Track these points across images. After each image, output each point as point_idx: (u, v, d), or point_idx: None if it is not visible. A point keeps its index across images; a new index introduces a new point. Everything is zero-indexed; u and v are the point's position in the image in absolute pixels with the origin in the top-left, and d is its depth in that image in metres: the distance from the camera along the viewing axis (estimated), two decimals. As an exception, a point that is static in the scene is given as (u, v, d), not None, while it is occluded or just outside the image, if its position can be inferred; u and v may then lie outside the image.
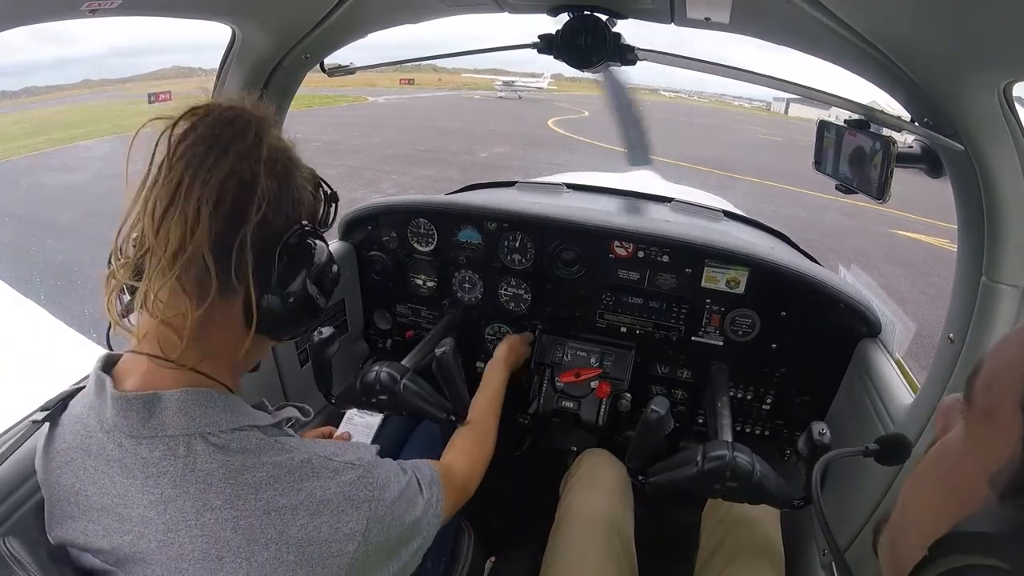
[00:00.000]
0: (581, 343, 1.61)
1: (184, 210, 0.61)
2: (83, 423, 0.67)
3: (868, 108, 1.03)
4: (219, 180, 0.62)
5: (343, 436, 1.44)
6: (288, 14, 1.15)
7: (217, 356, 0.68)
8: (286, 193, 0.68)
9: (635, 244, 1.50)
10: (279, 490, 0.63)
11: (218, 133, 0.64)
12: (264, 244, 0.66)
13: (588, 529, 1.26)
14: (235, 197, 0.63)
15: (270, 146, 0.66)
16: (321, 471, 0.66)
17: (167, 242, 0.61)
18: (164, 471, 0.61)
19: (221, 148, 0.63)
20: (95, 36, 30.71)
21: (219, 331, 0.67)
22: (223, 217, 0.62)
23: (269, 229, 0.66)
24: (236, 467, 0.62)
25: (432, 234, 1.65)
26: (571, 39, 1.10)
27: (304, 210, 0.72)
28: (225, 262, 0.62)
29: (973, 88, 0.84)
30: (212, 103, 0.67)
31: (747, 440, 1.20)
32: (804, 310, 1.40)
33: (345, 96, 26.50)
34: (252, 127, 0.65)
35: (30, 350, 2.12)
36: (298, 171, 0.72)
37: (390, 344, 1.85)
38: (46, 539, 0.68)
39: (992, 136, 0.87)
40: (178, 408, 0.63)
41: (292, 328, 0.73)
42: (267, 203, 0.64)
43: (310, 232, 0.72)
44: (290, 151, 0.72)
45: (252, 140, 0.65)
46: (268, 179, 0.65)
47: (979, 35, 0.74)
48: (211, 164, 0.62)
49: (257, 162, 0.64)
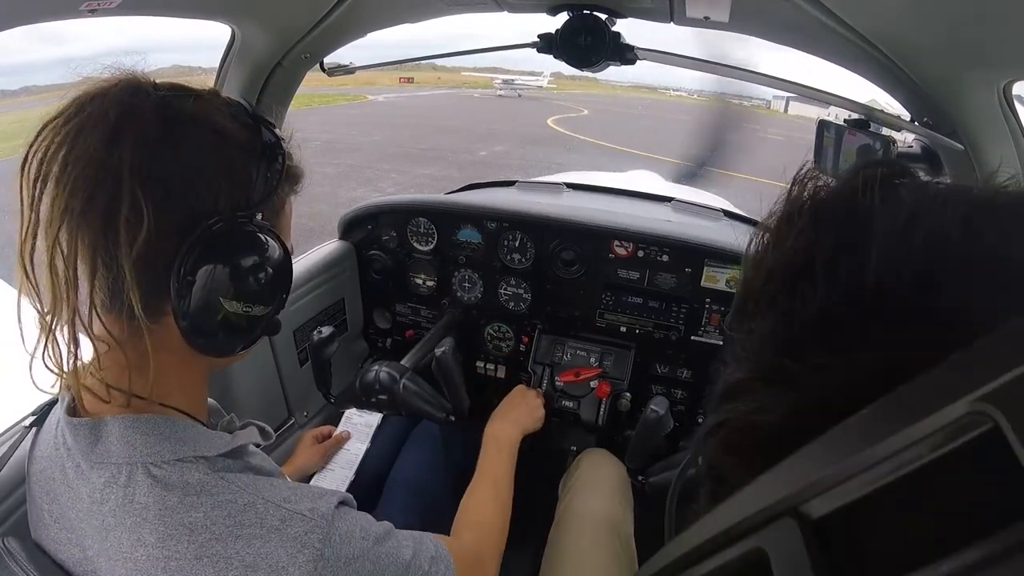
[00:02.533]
0: (581, 343, 1.61)
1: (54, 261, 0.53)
2: (54, 435, 0.64)
3: (868, 107, 1.03)
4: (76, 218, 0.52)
5: (342, 436, 1.44)
6: (288, 14, 1.15)
7: (168, 378, 0.60)
8: (177, 189, 0.54)
9: (635, 244, 1.50)
10: (215, 534, 0.55)
11: (66, 155, 0.52)
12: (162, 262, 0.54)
13: (588, 529, 1.26)
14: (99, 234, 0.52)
15: (137, 138, 0.52)
16: (265, 519, 0.57)
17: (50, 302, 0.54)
18: (106, 499, 0.57)
19: (67, 175, 0.51)
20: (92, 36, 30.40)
21: (161, 355, 0.58)
22: (98, 258, 0.53)
23: (163, 242, 0.54)
24: (172, 504, 0.56)
25: (432, 233, 1.65)
26: (571, 38, 1.10)
27: (222, 192, 0.56)
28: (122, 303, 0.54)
29: (973, 88, 0.84)
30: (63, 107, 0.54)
31: None
32: None
33: (345, 95, 26.49)
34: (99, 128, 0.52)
35: (29, 349, 2.12)
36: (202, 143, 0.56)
37: (390, 344, 1.85)
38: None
39: (992, 136, 0.87)
40: (119, 436, 0.58)
41: (232, 343, 0.61)
42: (147, 220, 0.52)
43: (222, 229, 0.56)
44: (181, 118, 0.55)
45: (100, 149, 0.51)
46: (139, 188, 0.52)
47: (979, 35, 0.74)
48: (60, 202, 0.51)
49: (115, 175, 0.51)
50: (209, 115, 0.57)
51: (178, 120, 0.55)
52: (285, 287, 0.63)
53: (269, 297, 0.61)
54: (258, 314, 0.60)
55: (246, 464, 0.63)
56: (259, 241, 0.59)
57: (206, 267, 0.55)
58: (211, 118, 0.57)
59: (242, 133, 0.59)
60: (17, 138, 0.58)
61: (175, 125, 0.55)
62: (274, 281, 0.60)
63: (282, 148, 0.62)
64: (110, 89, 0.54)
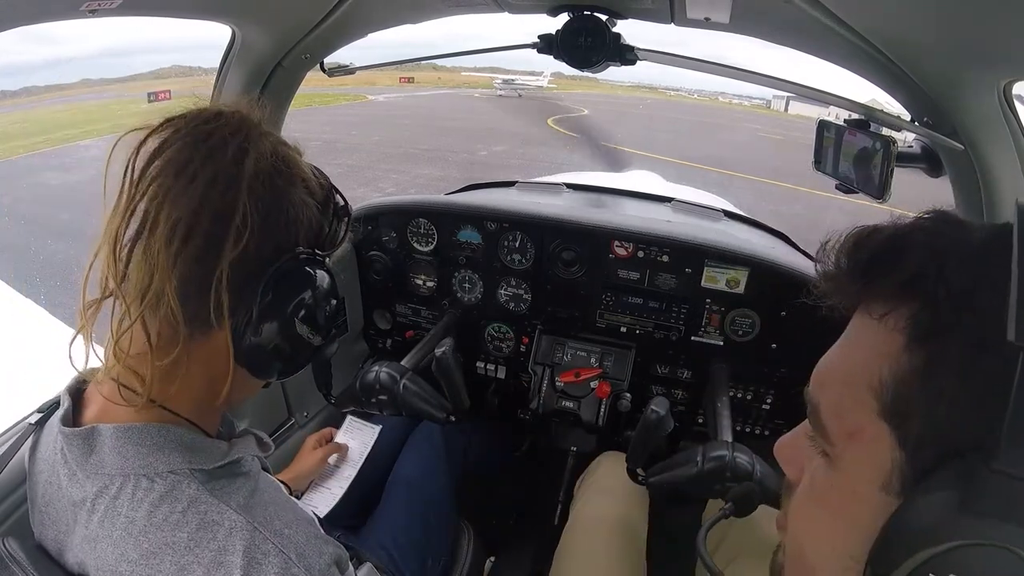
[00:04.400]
0: (581, 343, 1.61)
1: (149, 247, 0.54)
2: (53, 439, 0.64)
3: (868, 107, 1.03)
4: (187, 212, 0.55)
5: (342, 446, 1.44)
6: (288, 14, 1.15)
7: (190, 393, 0.61)
8: (276, 216, 0.60)
9: (635, 244, 1.50)
10: (198, 557, 0.54)
11: (190, 153, 0.56)
12: (246, 277, 0.58)
13: (601, 531, 1.26)
14: (207, 231, 0.55)
15: (257, 162, 0.58)
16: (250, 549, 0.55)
17: (132, 281, 0.55)
18: (95, 508, 0.57)
19: (191, 172, 0.55)
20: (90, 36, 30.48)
21: (194, 368, 0.60)
22: (193, 254, 0.55)
23: (253, 260, 0.58)
24: (158, 520, 0.55)
25: (432, 234, 1.65)
26: (571, 39, 1.10)
27: (302, 231, 0.63)
28: (197, 301, 0.56)
29: (973, 88, 0.84)
30: (191, 112, 0.59)
31: (747, 440, 1.20)
32: (804, 310, 1.40)
33: (345, 95, 26.47)
34: (232, 142, 0.57)
35: (30, 350, 2.12)
36: (296, 185, 0.62)
37: (390, 344, 1.85)
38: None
39: (992, 135, 0.87)
40: (112, 446, 0.58)
41: (280, 370, 0.64)
42: (249, 232, 0.56)
43: (305, 260, 0.62)
44: (287, 162, 0.62)
45: (231, 159, 0.56)
46: (250, 204, 0.56)
47: (979, 35, 0.74)
48: (178, 193, 0.55)
49: (236, 186, 0.56)
50: (302, 167, 0.64)
51: (285, 162, 0.61)
52: (334, 325, 0.68)
53: (325, 330, 0.66)
54: (314, 343, 0.65)
55: (243, 479, 0.62)
56: (331, 278, 0.65)
57: (290, 290, 0.61)
58: (303, 170, 0.64)
59: (320, 191, 0.66)
60: (17, 138, 0.58)
61: (283, 165, 0.61)
62: (333, 316, 0.66)
63: (348, 212, 0.70)
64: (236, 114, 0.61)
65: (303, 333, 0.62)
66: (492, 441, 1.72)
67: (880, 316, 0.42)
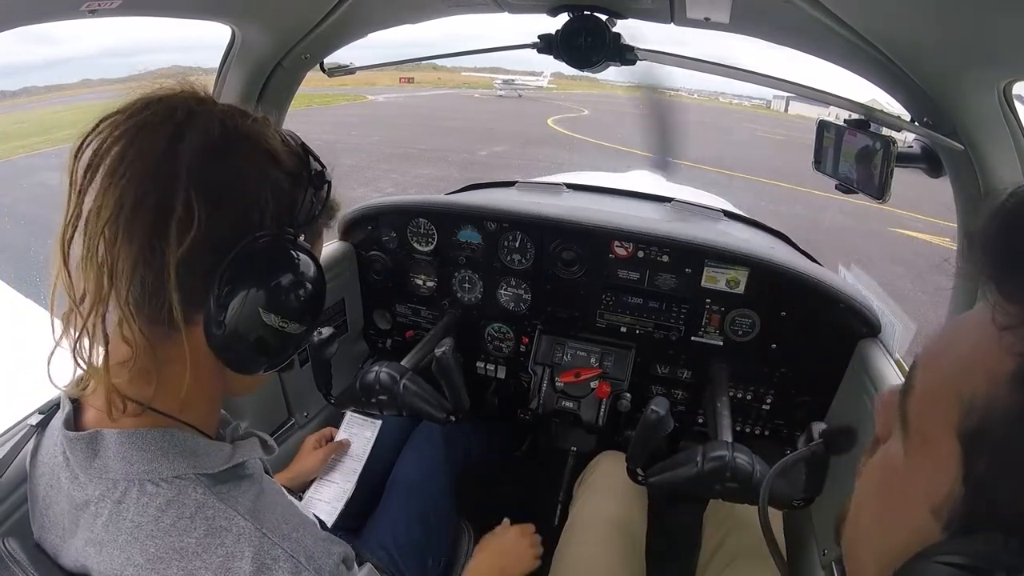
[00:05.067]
0: (581, 343, 1.61)
1: (94, 255, 0.52)
2: (55, 442, 0.63)
3: (868, 107, 1.03)
4: (125, 212, 0.51)
5: (343, 443, 1.44)
6: (288, 14, 1.15)
7: (177, 391, 0.58)
8: (230, 198, 0.55)
9: (635, 244, 1.49)
10: (207, 563, 0.54)
11: (124, 147, 0.53)
12: (203, 268, 0.54)
13: (600, 531, 1.26)
14: (149, 228, 0.52)
15: (197, 144, 0.53)
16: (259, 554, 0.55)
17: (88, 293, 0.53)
18: (99, 513, 0.57)
19: (123, 170, 0.52)
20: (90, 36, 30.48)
21: (175, 366, 0.57)
22: (137, 256, 0.52)
23: (208, 249, 0.53)
24: (165, 526, 0.55)
25: (432, 234, 1.65)
26: (571, 39, 1.10)
27: (268, 209, 0.57)
28: (155, 305, 0.54)
29: (973, 88, 0.84)
30: (127, 104, 0.55)
31: (747, 440, 1.20)
32: (804, 310, 1.40)
33: (345, 95, 26.48)
34: (166, 127, 0.53)
35: (30, 350, 2.12)
36: (256, 158, 0.58)
37: (390, 344, 1.85)
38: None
39: (992, 136, 0.87)
40: (116, 451, 0.57)
41: (261, 361, 0.61)
42: (198, 223, 0.52)
43: (269, 242, 0.57)
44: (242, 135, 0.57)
45: (165, 147, 0.52)
46: (195, 191, 0.52)
47: (979, 35, 0.74)
48: (116, 194, 0.51)
49: (172, 173, 0.52)
50: (264, 137, 0.59)
51: (236, 134, 0.57)
52: (318, 310, 0.62)
53: (304, 316, 0.60)
54: (292, 332, 0.59)
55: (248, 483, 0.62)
56: (302, 259, 0.59)
57: (250, 277, 0.55)
58: (265, 140, 0.59)
59: (291, 159, 0.61)
60: (17, 139, 0.58)
61: (234, 138, 0.56)
62: (310, 301, 0.60)
63: (326, 179, 0.64)
64: (177, 95, 0.56)
65: (272, 322, 0.57)
66: (492, 441, 1.72)
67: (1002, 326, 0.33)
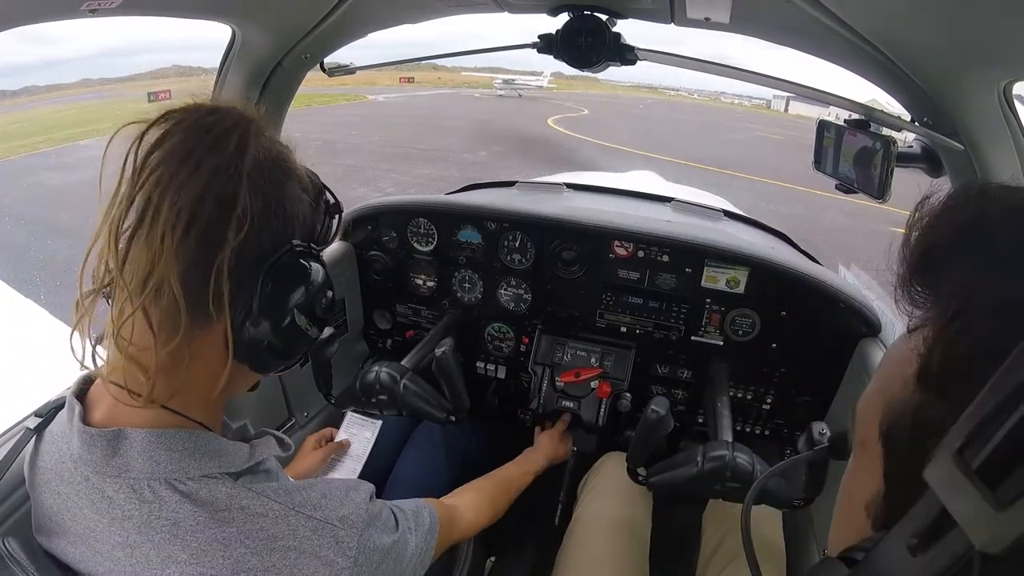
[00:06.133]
0: (581, 343, 1.61)
1: (151, 235, 0.54)
2: (58, 446, 0.63)
3: (868, 108, 1.03)
4: (191, 200, 0.55)
5: (343, 443, 1.44)
6: (288, 14, 1.15)
7: (191, 389, 0.61)
8: (274, 209, 0.61)
9: (635, 244, 1.49)
10: (251, 548, 0.57)
11: (193, 143, 0.57)
12: (245, 269, 0.59)
13: (604, 530, 1.26)
14: (209, 219, 0.55)
15: (256, 156, 0.59)
16: (298, 530, 0.59)
17: (133, 271, 0.55)
18: (129, 515, 0.57)
19: (194, 161, 0.56)
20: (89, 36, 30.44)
21: (195, 363, 0.60)
22: (196, 242, 0.55)
23: (252, 251, 0.59)
24: (204, 519, 0.57)
25: (432, 234, 1.65)
26: (571, 39, 1.10)
27: (298, 226, 0.64)
28: (198, 292, 0.56)
29: (973, 88, 0.84)
30: (190, 106, 0.60)
31: (747, 440, 1.20)
32: (804, 310, 1.40)
33: (345, 95, 26.47)
34: (234, 135, 0.58)
35: (30, 350, 2.12)
36: (292, 181, 0.64)
37: (390, 344, 1.85)
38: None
39: (992, 136, 0.87)
40: (142, 450, 0.58)
41: (278, 362, 0.65)
42: (249, 223, 0.57)
43: (302, 253, 0.63)
44: (283, 159, 0.64)
45: (233, 151, 0.57)
46: (251, 195, 0.57)
47: (979, 35, 0.74)
48: (182, 180, 0.55)
49: (237, 177, 0.57)
50: (296, 165, 0.66)
51: (281, 157, 0.63)
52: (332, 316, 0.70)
53: (324, 321, 0.67)
54: (312, 335, 0.66)
55: (266, 476, 0.65)
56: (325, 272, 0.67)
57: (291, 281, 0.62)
58: (297, 167, 0.66)
59: (313, 190, 0.68)
60: (17, 138, 0.58)
61: (280, 160, 0.63)
62: (330, 309, 0.68)
63: (340, 209, 0.72)
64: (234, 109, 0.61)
65: (302, 324, 0.63)
66: (492, 441, 1.72)
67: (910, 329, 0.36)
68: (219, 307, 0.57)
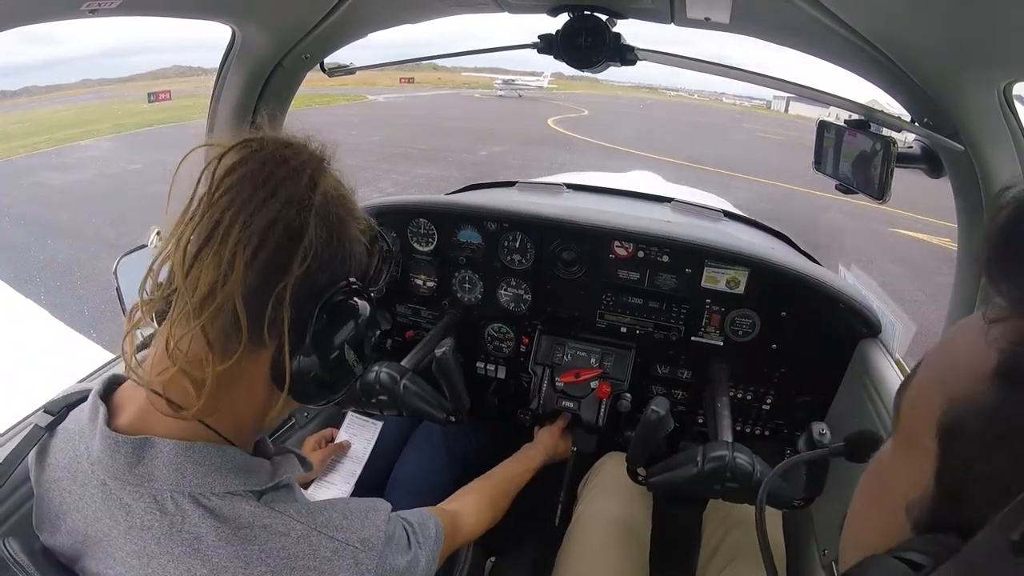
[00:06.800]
0: (581, 343, 1.61)
1: (219, 253, 0.55)
2: (73, 445, 0.63)
3: (868, 108, 1.03)
4: (263, 224, 0.56)
5: (343, 444, 1.44)
6: (288, 14, 1.15)
7: (230, 409, 0.61)
8: (336, 246, 0.62)
9: (635, 244, 1.49)
10: (271, 567, 0.57)
11: (269, 171, 0.58)
12: (304, 299, 0.60)
13: (604, 530, 1.26)
14: (278, 245, 0.57)
15: (325, 192, 0.61)
16: (319, 550, 0.60)
17: (196, 286, 0.56)
18: (148, 525, 0.57)
19: (270, 189, 0.57)
20: (89, 36, 30.39)
21: (239, 386, 0.61)
22: (262, 266, 0.56)
23: (312, 283, 0.60)
24: (226, 536, 0.57)
25: (432, 234, 1.65)
26: (571, 39, 1.10)
27: (354, 266, 0.66)
28: (258, 315, 0.57)
29: (973, 88, 0.84)
30: (267, 136, 0.62)
31: (747, 440, 1.20)
32: (804, 310, 1.40)
33: (345, 95, 26.48)
34: (307, 169, 0.60)
35: (30, 350, 2.13)
36: (353, 222, 0.65)
37: (390, 344, 1.85)
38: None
39: (992, 136, 0.87)
40: (169, 461, 0.58)
41: (322, 394, 0.66)
42: (313, 255, 0.59)
43: (356, 291, 0.65)
44: (347, 199, 0.65)
45: (306, 184, 0.59)
46: (318, 229, 0.59)
47: (979, 35, 0.74)
48: (256, 205, 0.57)
49: (308, 209, 0.58)
50: (357, 208, 0.68)
51: (345, 198, 0.65)
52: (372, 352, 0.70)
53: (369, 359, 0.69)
54: (356, 372, 0.67)
55: (287, 491, 0.65)
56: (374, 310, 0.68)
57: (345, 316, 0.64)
58: (358, 210, 0.68)
59: (368, 233, 0.70)
60: (18, 138, 0.58)
61: (344, 200, 0.65)
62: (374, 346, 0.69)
63: (393, 255, 0.74)
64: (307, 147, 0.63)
65: (350, 360, 0.65)
66: (492, 441, 1.72)
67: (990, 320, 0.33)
68: (274, 334, 0.59)
